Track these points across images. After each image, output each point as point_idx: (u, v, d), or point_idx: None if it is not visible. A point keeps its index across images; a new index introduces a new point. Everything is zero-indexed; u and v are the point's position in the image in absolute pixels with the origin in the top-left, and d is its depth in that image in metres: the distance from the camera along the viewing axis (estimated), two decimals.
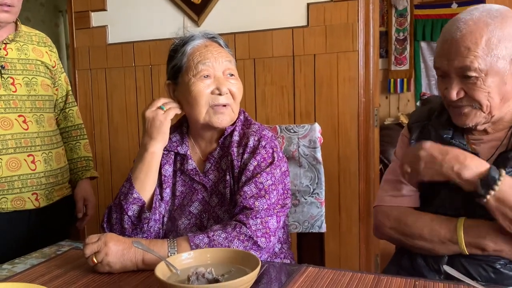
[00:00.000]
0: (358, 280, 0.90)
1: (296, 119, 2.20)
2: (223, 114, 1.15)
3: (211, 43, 1.19)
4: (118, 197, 1.16)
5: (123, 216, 1.13)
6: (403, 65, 4.84)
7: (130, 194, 1.13)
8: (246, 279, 0.79)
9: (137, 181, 1.14)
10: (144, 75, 2.52)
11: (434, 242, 1.05)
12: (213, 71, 1.15)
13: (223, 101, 1.14)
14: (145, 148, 1.15)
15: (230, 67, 1.18)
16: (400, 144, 1.23)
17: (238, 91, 1.18)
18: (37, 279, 0.96)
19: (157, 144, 1.15)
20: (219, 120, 1.15)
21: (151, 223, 1.14)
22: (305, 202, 1.42)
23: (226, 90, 1.14)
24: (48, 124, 1.58)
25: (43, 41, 1.66)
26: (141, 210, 1.13)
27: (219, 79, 1.15)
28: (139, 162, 1.15)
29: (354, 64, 2.09)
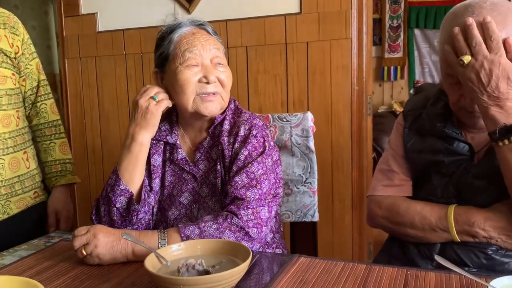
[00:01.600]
0: (350, 270, 0.89)
1: (289, 107, 2.18)
2: (212, 102, 1.13)
3: (198, 31, 1.16)
4: (105, 189, 1.14)
5: (111, 208, 1.11)
6: (397, 53, 4.82)
7: (117, 186, 1.11)
8: (237, 271, 0.78)
9: (125, 173, 1.11)
10: (135, 63, 2.48)
11: (426, 231, 1.05)
12: (200, 59, 1.13)
13: (211, 90, 1.12)
14: (133, 138, 1.13)
15: (218, 55, 1.15)
16: (395, 133, 1.22)
17: (227, 79, 1.15)
18: (25, 271, 0.95)
19: (146, 135, 1.13)
20: (207, 109, 1.13)
21: (141, 215, 1.12)
22: (297, 191, 1.42)
23: (214, 79, 1.12)
24: (1, 125, 1.35)
25: (2, 21, 1.41)
26: (129, 202, 1.11)
27: (207, 67, 1.13)
28: (127, 153, 1.13)
29: (347, 51, 2.07)
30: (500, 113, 0.94)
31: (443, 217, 1.03)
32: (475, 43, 0.93)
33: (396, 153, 1.19)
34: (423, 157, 1.11)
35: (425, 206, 1.07)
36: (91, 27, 2.56)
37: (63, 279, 0.91)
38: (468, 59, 0.93)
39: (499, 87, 0.92)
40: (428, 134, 1.12)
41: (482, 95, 0.94)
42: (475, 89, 0.94)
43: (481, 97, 0.94)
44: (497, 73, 0.91)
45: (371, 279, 0.85)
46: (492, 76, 0.92)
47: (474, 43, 0.93)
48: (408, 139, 1.15)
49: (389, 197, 1.15)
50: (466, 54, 0.94)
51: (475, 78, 0.93)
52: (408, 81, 4.86)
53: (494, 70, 0.92)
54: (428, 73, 4.81)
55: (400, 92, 4.90)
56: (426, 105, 1.15)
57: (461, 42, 0.95)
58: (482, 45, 0.92)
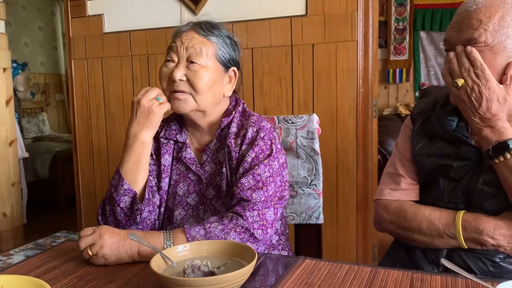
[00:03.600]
0: (355, 273, 0.89)
1: (294, 109, 2.19)
2: (179, 101, 1.13)
3: (189, 30, 1.16)
4: (109, 190, 1.14)
5: (115, 208, 1.11)
6: (402, 55, 4.82)
7: (121, 185, 1.11)
8: (242, 272, 0.78)
9: (128, 173, 1.11)
10: (140, 65, 2.49)
11: (433, 236, 1.05)
12: (177, 56, 1.13)
13: (176, 87, 1.12)
14: (135, 137, 1.12)
15: (195, 53, 1.12)
16: (402, 136, 1.21)
17: (198, 79, 1.11)
18: (32, 270, 0.96)
19: (148, 134, 1.13)
20: (174, 106, 1.14)
21: (144, 214, 1.12)
22: (302, 193, 1.42)
23: (179, 76, 1.11)
24: None
25: None
26: (133, 201, 1.11)
27: (178, 65, 1.13)
28: (130, 153, 1.13)
29: (353, 54, 2.07)
30: (493, 133, 0.99)
31: (450, 223, 1.03)
32: (464, 69, 0.98)
33: (403, 156, 1.18)
34: (431, 161, 1.10)
35: (433, 211, 1.07)
36: (98, 28, 2.58)
37: (69, 278, 0.91)
38: (462, 82, 0.99)
39: (491, 108, 0.97)
40: (436, 138, 1.11)
41: (474, 116, 0.99)
42: (467, 110, 1.00)
43: (474, 118, 0.99)
44: (487, 96, 0.97)
45: (376, 282, 0.85)
46: (483, 99, 0.97)
47: (463, 70, 0.98)
48: (416, 142, 1.15)
49: (396, 201, 1.15)
50: (459, 77, 0.99)
51: (467, 100, 0.99)
52: (413, 83, 4.85)
53: (484, 93, 0.97)
54: (433, 76, 4.80)
55: (406, 95, 4.89)
56: (435, 108, 1.14)
57: (455, 66, 1.00)
58: (471, 71, 0.98)
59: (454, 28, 1.02)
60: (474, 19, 0.98)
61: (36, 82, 5.64)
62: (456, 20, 1.02)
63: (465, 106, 0.99)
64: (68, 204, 4.18)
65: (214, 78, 1.14)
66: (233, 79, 1.20)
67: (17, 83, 4.08)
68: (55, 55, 6.23)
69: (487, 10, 0.97)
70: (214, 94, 1.15)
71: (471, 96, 0.97)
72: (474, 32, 0.97)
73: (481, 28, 0.97)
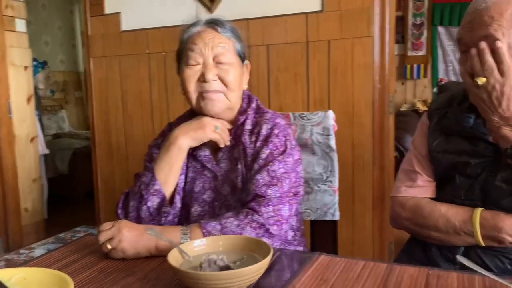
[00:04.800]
0: (371, 269, 0.89)
1: (310, 106, 2.18)
2: (212, 101, 1.14)
3: (206, 29, 1.16)
4: (138, 186, 1.15)
5: (141, 205, 1.13)
6: (420, 51, 4.75)
7: (152, 185, 1.12)
8: (258, 267, 0.79)
9: (161, 173, 1.13)
10: (157, 63, 2.52)
11: (450, 234, 1.04)
12: (201, 58, 1.14)
13: (209, 88, 1.13)
14: (175, 139, 1.14)
15: (221, 52, 1.14)
16: (419, 132, 1.21)
17: (230, 77, 1.14)
18: (54, 264, 0.98)
19: (187, 142, 1.14)
20: (207, 107, 1.15)
21: (170, 217, 1.14)
22: (318, 190, 1.42)
23: (212, 77, 1.12)
24: None
25: None
26: (161, 202, 1.12)
27: (207, 65, 1.14)
28: (165, 154, 1.14)
29: (370, 50, 2.06)
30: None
31: (467, 221, 1.02)
32: (487, 66, 0.96)
33: (420, 153, 1.18)
34: (448, 158, 1.10)
35: (450, 208, 1.06)
36: (115, 26, 2.61)
37: (89, 272, 0.94)
38: (483, 81, 0.97)
39: (510, 108, 0.96)
40: (453, 134, 1.10)
41: (493, 115, 0.98)
42: (486, 109, 0.98)
43: (493, 117, 0.98)
44: (508, 95, 0.95)
45: (392, 278, 0.85)
46: (504, 97, 0.95)
47: (486, 67, 0.96)
48: (433, 139, 1.14)
49: (412, 198, 1.14)
50: (480, 76, 0.97)
51: (487, 99, 0.97)
52: (431, 79, 4.78)
53: (506, 92, 0.95)
54: (452, 71, 4.73)
55: (423, 91, 4.83)
56: (452, 104, 1.13)
57: (477, 64, 0.98)
58: (495, 69, 0.96)
59: (466, 28, 1.01)
60: (486, 16, 0.97)
61: (56, 80, 5.74)
62: (468, 20, 1.01)
63: (484, 105, 0.98)
64: (87, 200, 4.25)
65: (239, 73, 1.18)
66: (246, 71, 1.23)
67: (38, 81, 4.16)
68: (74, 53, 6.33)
69: (497, 7, 0.96)
70: (240, 89, 1.19)
71: (491, 95, 0.96)
72: (489, 28, 0.96)
73: (494, 23, 0.96)
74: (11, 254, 1.07)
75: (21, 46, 3.25)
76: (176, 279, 0.87)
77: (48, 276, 0.84)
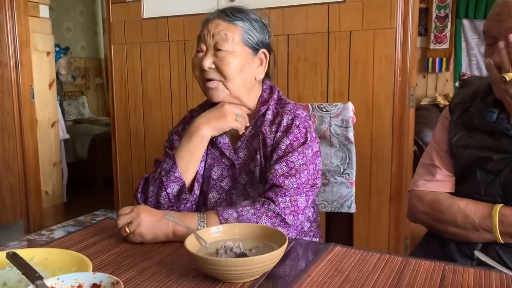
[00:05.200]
0: (386, 262, 0.89)
1: (329, 97, 2.17)
2: (211, 89, 1.16)
3: (215, 18, 1.17)
4: (158, 172, 1.16)
5: (161, 191, 1.14)
6: (443, 44, 4.66)
7: (172, 172, 1.14)
8: (273, 255, 0.80)
9: (181, 161, 1.14)
10: (178, 51, 2.53)
11: (468, 230, 1.03)
12: (205, 45, 1.15)
13: (206, 76, 1.15)
14: (197, 128, 1.15)
15: (221, 39, 1.13)
16: (440, 126, 1.19)
17: (226, 66, 1.13)
18: (73, 245, 1.01)
19: (209, 131, 1.15)
20: (209, 95, 1.17)
21: (188, 204, 1.15)
22: (335, 182, 1.41)
23: (207, 65, 1.13)
24: None
25: None
26: (180, 190, 1.14)
27: (206, 53, 1.15)
28: (187, 142, 1.15)
29: (391, 41, 2.03)
30: None
31: (486, 217, 1.00)
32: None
33: (440, 147, 1.16)
34: (469, 153, 1.08)
35: (469, 204, 1.05)
36: (137, 13, 2.63)
37: (107, 254, 0.96)
38: (511, 76, 0.94)
39: None
40: (475, 129, 1.08)
41: None
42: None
43: None
44: None
45: (407, 271, 0.84)
46: None
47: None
48: (454, 133, 1.12)
49: (431, 192, 1.13)
50: (509, 71, 0.94)
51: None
52: (453, 73, 4.69)
53: None
54: (475, 66, 4.63)
55: (445, 85, 4.74)
56: (475, 99, 1.11)
57: (505, 58, 0.95)
58: None
59: (494, 19, 0.99)
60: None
61: (77, 66, 5.82)
62: (496, 11, 0.98)
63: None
64: (106, 186, 4.33)
65: (242, 62, 1.15)
66: (264, 62, 1.20)
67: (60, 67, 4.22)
68: (95, 40, 6.40)
69: None
70: (244, 78, 1.16)
71: None
72: None
73: None
74: (32, 235, 1.10)
75: (44, 32, 3.30)
76: (192, 265, 0.88)
77: (68, 257, 0.86)
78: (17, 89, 3.06)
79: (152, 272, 0.86)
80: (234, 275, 0.79)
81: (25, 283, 0.74)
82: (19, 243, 1.04)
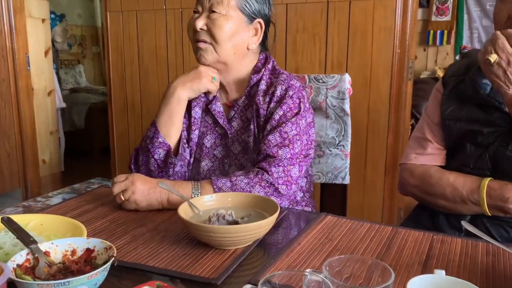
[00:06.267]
0: (376, 231, 0.90)
1: (327, 68, 2.15)
2: (200, 50, 1.15)
3: None
4: (144, 141, 1.18)
5: (149, 159, 1.16)
6: (445, 16, 4.58)
7: (156, 138, 1.15)
8: (264, 223, 0.81)
9: (163, 127, 1.16)
10: (174, 19, 2.49)
11: (456, 202, 1.04)
12: (201, 7, 1.14)
13: (198, 37, 1.14)
14: (174, 90, 1.15)
15: (216, 1, 1.12)
16: (432, 99, 1.19)
17: (217, 28, 1.12)
18: (68, 212, 1.02)
19: (185, 92, 1.16)
20: (197, 56, 1.16)
21: (177, 168, 1.17)
22: (329, 153, 1.42)
23: (199, 25, 1.13)
24: None
25: None
26: (167, 154, 1.15)
27: (200, 14, 1.14)
28: (165, 106, 1.16)
29: (391, 12, 2.00)
30: None
31: (475, 190, 1.02)
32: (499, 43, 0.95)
33: (432, 120, 1.16)
34: (460, 126, 1.08)
35: (458, 177, 1.06)
36: None
37: (102, 221, 0.97)
38: (494, 58, 0.97)
39: None
40: (468, 102, 1.08)
41: (508, 89, 0.97)
42: (502, 84, 0.97)
43: (508, 91, 0.97)
44: None
45: (397, 240, 0.86)
46: None
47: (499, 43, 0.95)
48: (446, 106, 1.12)
49: (421, 166, 1.14)
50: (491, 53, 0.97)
51: (501, 74, 0.96)
52: (454, 46, 4.63)
53: None
54: (476, 39, 4.57)
55: (445, 58, 4.69)
56: (469, 71, 1.11)
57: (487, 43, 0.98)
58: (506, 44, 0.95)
59: None
60: None
61: (73, 34, 5.74)
62: None
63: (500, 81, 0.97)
64: (103, 154, 4.34)
65: (235, 28, 1.14)
66: (259, 32, 1.19)
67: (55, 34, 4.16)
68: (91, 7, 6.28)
69: None
70: (235, 45, 1.15)
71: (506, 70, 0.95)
72: None
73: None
74: (28, 202, 1.11)
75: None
76: (185, 232, 0.90)
77: (63, 223, 0.88)
78: (12, 56, 3.02)
79: (145, 239, 0.87)
80: (226, 242, 0.81)
81: (20, 247, 0.75)
82: (14, 209, 1.06)
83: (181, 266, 0.76)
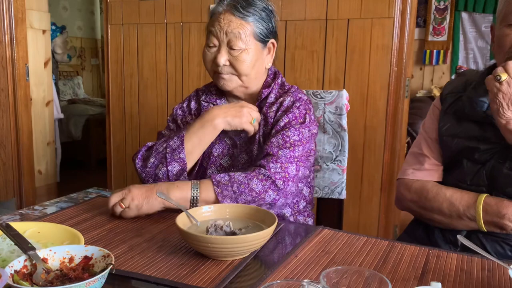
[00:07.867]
0: (372, 245, 0.91)
1: (325, 85, 2.18)
2: (224, 80, 1.18)
3: (226, 12, 1.16)
4: (164, 147, 1.16)
5: (162, 166, 1.15)
6: (441, 36, 4.66)
7: (178, 152, 1.14)
8: (262, 234, 0.81)
9: (189, 144, 1.15)
10: (175, 33, 2.52)
11: (453, 218, 1.05)
12: (217, 41, 1.16)
13: (221, 71, 1.17)
14: (212, 119, 1.15)
15: (235, 37, 1.14)
16: (430, 116, 1.21)
17: (240, 64, 1.15)
18: (66, 221, 1.02)
19: (222, 123, 1.16)
20: (220, 84, 1.19)
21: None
22: (326, 168, 1.43)
23: (222, 62, 1.15)
24: None
25: None
26: (181, 170, 1.15)
27: (220, 50, 1.16)
28: (199, 129, 1.15)
29: (389, 31, 2.03)
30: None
31: (471, 205, 1.03)
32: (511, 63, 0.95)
33: (429, 136, 1.18)
34: (457, 142, 1.10)
35: (455, 193, 1.07)
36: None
37: (99, 230, 0.97)
38: (505, 76, 0.96)
39: None
40: (465, 119, 1.10)
41: (507, 110, 0.96)
42: (503, 103, 0.96)
43: (505, 112, 0.96)
44: None
45: (393, 254, 0.87)
46: None
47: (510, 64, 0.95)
48: (444, 123, 1.14)
49: (418, 181, 1.15)
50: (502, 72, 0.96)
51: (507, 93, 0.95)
52: (450, 66, 4.70)
53: None
54: (472, 59, 4.64)
55: (441, 77, 4.75)
56: (467, 88, 1.12)
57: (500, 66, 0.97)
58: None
59: None
60: None
61: (73, 46, 5.77)
62: None
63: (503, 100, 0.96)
64: (99, 166, 4.33)
65: (255, 58, 1.17)
66: (272, 50, 1.23)
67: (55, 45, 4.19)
68: (92, 19, 6.33)
69: None
70: (257, 71, 1.20)
71: None
72: None
73: None
74: (25, 210, 1.11)
75: (40, 10, 3.27)
76: (182, 242, 0.90)
77: (60, 231, 0.88)
78: (11, 66, 3.03)
79: (142, 248, 0.87)
80: (223, 253, 0.81)
81: (18, 254, 0.75)
82: (11, 217, 1.06)
83: (178, 276, 0.76)
